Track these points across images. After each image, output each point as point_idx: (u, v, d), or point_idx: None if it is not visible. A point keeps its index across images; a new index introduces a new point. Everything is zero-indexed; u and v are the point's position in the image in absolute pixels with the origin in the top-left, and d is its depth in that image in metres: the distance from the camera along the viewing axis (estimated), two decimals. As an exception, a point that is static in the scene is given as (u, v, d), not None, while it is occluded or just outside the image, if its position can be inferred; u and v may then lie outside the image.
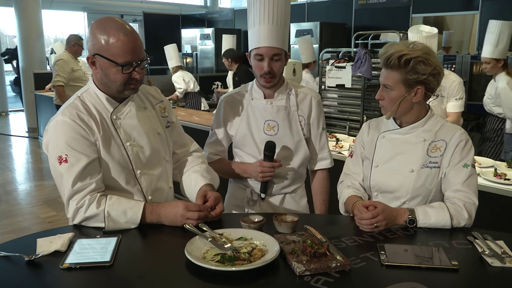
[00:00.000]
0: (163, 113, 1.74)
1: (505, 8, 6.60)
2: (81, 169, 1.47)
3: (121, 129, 1.59)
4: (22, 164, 6.54)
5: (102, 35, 1.46)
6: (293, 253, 1.29)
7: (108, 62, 1.47)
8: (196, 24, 11.66)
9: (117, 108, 1.60)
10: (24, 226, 4.10)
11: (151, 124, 1.67)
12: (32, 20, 8.47)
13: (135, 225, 1.50)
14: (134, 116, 1.62)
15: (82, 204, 1.47)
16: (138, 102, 1.66)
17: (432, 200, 1.64)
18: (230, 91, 2.04)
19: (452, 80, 3.18)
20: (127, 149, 1.58)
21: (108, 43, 1.45)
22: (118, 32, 1.45)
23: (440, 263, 1.28)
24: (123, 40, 1.45)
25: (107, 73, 1.50)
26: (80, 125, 1.50)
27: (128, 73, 1.49)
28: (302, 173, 1.98)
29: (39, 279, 1.24)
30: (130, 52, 1.46)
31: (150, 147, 1.63)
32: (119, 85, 1.52)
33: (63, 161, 1.47)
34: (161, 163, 1.68)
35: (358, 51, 6.19)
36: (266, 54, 1.75)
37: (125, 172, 1.58)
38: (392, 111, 1.62)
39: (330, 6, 8.74)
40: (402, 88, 1.58)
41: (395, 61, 1.55)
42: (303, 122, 1.91)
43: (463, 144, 1.61)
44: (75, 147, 1.48)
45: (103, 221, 1.47)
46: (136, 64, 1.49)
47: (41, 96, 7.51)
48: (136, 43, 1.48)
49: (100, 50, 1.47)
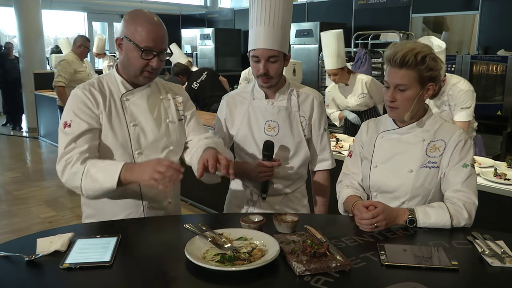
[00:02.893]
0: (178, 107, 1.80)
1: (505, 8, 6.61)
2: (80, 133, 1.57)
3: (128, 109, 1.67)
4: (22, 164, 6.54)
5: (133, 21, 1.60)
6: (293, 253, 1.29)
7: (132, 45, 1.58)
8: (196, 24, 11.67)
9: (130, 91, 1.69)
10: (24, 226, 4.09)
11: (163, 112, 1.73)
12: (32, 20, 8.47)
13: (113, 184, 1.48)
14: (144, 101, 1.70)
15: (70, 161, 1.54)
16: (155, 91, 1.75)
17: (431, 200, 1.64)
18: (232, 91, 2.04)
19: (459, 89, 3.14)
20: (129, 129, 1.65)
21: (136, 29, 1.58)
22: (146, 21, 1.59)
23: (440, 263, 1.28)
24: (148, 28, 1.58)
25: (129, 56, 1.61)
26: (88, 97, 1.62)
27: (146, 59, 1.59)
28: (302, 173, 1.98)
29: (39, 279, 1.24)
30: (152, 40, 1.58)
31: (154, 132, 1.69)
32: (136, 69, 1.62)
33: (67, 126, 1.60)
34: (165, 150, 1.71)
35: (358, 51, 6.20)
36: (261, 56, 1.75)
37: (122, 150, 1.64)
38: (412, 110, 1.60)
39: (330, 6, 8.75)
40: (417, 86, 1.58)
41: (412, 59, 1.53)
42: (304, 122, 1.91)
43: (463, 144, 1.61)
44: (79, 114, 1.60)
45: (80, 178, 1.51)
46: (156, 53, 1.60)
47: (41, 96, 7.51)
48: (159, 33, 1.61)
49: (127, 34, 1.60)
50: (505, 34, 6.59)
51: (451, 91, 3.16)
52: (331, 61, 3.73)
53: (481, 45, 6.87)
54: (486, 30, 6.85)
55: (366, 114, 3.94)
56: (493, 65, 6.06)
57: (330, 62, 3.75)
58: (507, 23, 6.60)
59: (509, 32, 6.55)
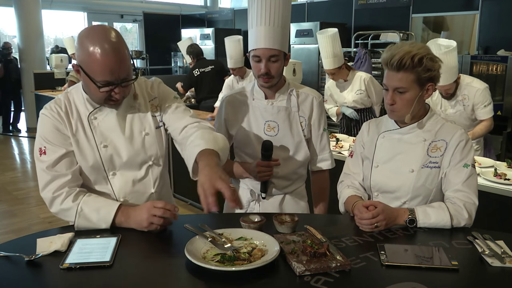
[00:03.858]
0: (154, 112, 1.66)
1: (505, 8, 6.61)
2: (57, 158, 1.52)
3: (97, 129, 1.58)
4: (22, 164, 6.54)
5: (86, 47, 1.41)
6: (293, 253, 1.29)
7: (87, 77, 1.45)
8: (196, 24, 11.66)
9: (97, 109, 1.59)
10: (24, 226, 4.10)
11: (137, 125, 1.62)
12: (32, 20, 8.48)
13: (107, 225, 1.49)
14: (114, 118, 1.59)
15: (59, 195, 1.51)
16: (128, 100, 1.61)
17: (432, 200, 1.64)
18: (232, 91, 2.04)
19: (475, 88, 3.15)
20: (100, 151, 1.57)
21: (89, 58, 1.41)
22: (100, 49, 1.39)
23: (440, 263, 1.28)
24: (102, 59, 1.39)
25: (88, 86, 1.49)
26: (57, 119, 1.55)
27: (106, 92, 1.47)
28: (302, 173, 1.98)
29: (39, 279, 1.24)
30: (110, 72, 1.41)
31: (128, 150, 1.59)
32: (98, 99, 1.52)
33: (43, 153, 1.53)
34: (143, 167, 1.63)
35: (358, 51, 6.20)
36: (263, 56, 1.75)
37: (96, 173, 1.58)
38: (412, 111, 1.60)
39: (330, 6, 8.74)
40: (416, 88, 1.58)
41: (409, 62, 1.53)
42: (304, 123, 1.90)
43: (463, 144, 1.61)
44: (52, 139, 1.54)
45: (74, 216, 1.49)
46: (116, 84, 1.45)
47: (41, 96, 7.51)
48: (117, 63, 1.41)
49: (82, 63, 1.44)
50: (505, 34, 6.59)
51: (466, 91, 3.17)
52: (328, 61, 3.79)
53: (481, 45, 6.86)
54: (486, 30, 6.85)
55: (362, 113, 3.96)
56: (493, 65, 6.06)
57: (327, 63, 3.81)
58: (507, 23, 6.59)
59: (509, 32, 6.55)
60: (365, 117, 3.94)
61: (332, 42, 3.75)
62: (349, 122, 4.06)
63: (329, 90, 4.09)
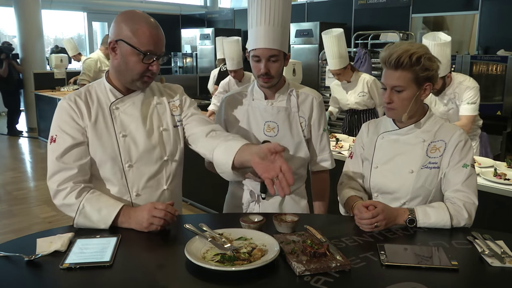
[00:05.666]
0: (173, 111, 1.71)
1: (505, 8, 6.61)
2: (64, 149, 1.52)
3: (118, 119, 1.60)
4: (22, 164, 6.54)
5: (130, 23, 1.50)
6: (293, 253, 1.29)
7: (131, 49, 1.50)
8: (196, 24, 11.67)
9: (120, 99, 1.62)
10: (24, 226, 4.10)
11: (156, 120, 1.66)
12: (32, 20, 8.47)
13: (106, 225, 1.49)
14: (136, 109, 1.62)
15: (63, 189, 1.51)
16: (148, 96, 1.67)
17: (432, 200, 1.65)
18: (232, 91, 2.03)
19: (466, 86, 3.17)
20: (118, 140, 1.58)
21: (135, 31, 1.49)
22: (146, 23, 1.51)
23: (440, 263, 1.28)
24: (150, 31, 1.51)
25: (127, 60, 1.52)
26: (73, 108, 1.55)
27: (147, 64, 1.52)
28: (302, 174, 1.98)
29: (39, 279, 1.24)
30: (154, 43, 1.51)
31: (146, 143, 1.61)
32: (135, 74, 1.54)
33: (53, 141, 1.54)
34: (158, 162, 1.65)
35: (358, 51, 6.21)
36: (262, 56, 1.75)
37: (112, 163, 1.58)
38: (409, 111, 1.60)
39: (330, 6, 8.75)
40: (413, 87, 1.58)
41: (407, 60, 1.53)
42: (304, 123, 1.90)
43: (463, 144, 1.61)
44: (64, 128, 1.54)
45: (75, 212, 1.49)
46: (158, 57, 1.53)
47: (41, 96, 7.51)
48: (160, 36, 1.54)
49: (125, 37, 1.50)
50: (505, 34, 6.60)
51: (458, 89, 3.18)
52: (334, 62, 3.78)
53: (481, 45, 6.87)
54: (486, 30, 6.86)
55: (365, 114, 3.96)
56: (493, 65, 6.06)
57: (332, 63, 3.79)
58: (507, 23, 6.60)
59: (509, 32, 6.55)
60: (367, 118, 3.95)
61: (338, 42, 3.74)
62: (351, 122, 4.07)
63: (332, 90, 4.12)
